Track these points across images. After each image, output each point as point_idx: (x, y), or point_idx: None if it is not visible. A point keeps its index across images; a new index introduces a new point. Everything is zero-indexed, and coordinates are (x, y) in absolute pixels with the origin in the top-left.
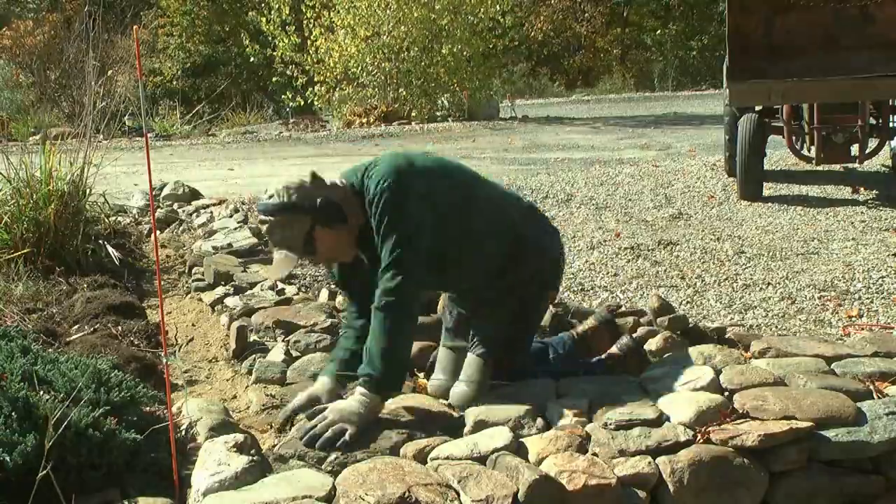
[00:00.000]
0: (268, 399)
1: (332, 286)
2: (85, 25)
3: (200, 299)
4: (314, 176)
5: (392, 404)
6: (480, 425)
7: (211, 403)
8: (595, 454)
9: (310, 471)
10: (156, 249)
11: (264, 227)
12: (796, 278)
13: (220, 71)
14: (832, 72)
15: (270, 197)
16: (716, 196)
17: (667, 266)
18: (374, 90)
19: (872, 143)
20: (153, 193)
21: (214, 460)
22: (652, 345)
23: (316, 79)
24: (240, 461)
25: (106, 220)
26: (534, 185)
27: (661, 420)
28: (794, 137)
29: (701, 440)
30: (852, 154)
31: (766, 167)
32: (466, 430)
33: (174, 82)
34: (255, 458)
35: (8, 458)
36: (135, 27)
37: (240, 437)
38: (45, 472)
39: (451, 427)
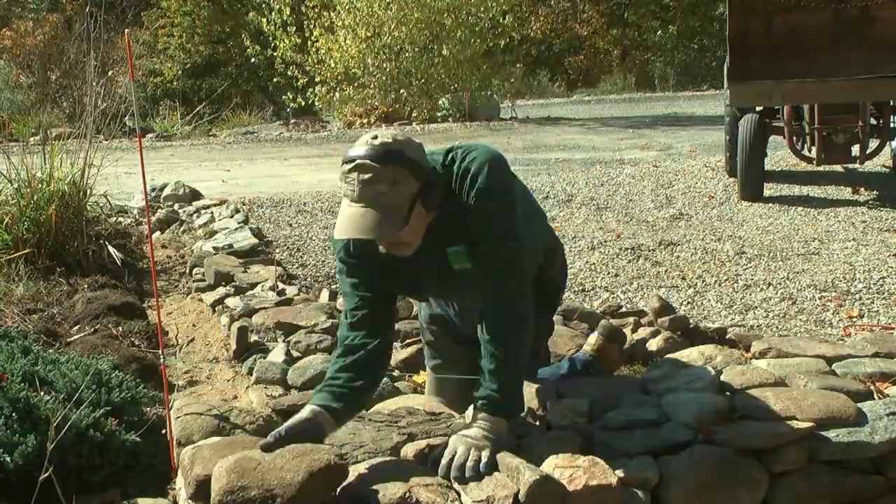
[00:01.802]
0: (268, 399)
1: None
2: (85, 26)
3: (201, 300)
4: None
5: (392, 404)
6: None
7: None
8: (596, 454)
9: None
10: (151, 253)
11: (354, 178)
12: (797, 279)
13: (221, 71)
14: (833, 72)
15: (374, 141)
16: (716, 196)
17: (667, 266)
18: (374, 91)
19: (873, 144)
20: (154, 194)
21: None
22: (653, 345)
23: (317, 79)
24: None
25: (107, 220)
26: (535, 186)
27: (662, 420)
28: (794, 138)
29: (702, 440)
30: (853, 154)
31: (766, 167)
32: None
33: (175, 83)
34: None
35: (9, 459)
36: (125, 32)
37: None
38: (46, 473)
39: (453, 428)
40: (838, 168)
